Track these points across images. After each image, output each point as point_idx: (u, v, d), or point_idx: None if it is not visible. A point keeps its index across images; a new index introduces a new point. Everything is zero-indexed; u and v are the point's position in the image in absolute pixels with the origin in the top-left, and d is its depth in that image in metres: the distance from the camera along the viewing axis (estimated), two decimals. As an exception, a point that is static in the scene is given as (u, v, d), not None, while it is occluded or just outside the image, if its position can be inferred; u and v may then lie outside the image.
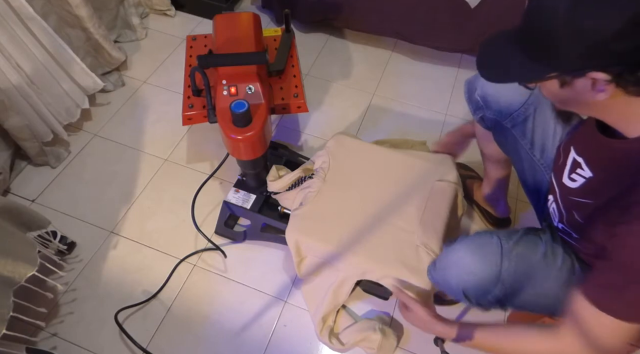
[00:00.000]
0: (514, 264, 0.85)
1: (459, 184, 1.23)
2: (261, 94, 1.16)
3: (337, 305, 1.20)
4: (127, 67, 1.82)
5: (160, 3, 1.97)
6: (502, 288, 0.85)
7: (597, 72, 0.59)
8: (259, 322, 1.24)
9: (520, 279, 0.85)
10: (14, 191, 1.46)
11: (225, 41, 1.24)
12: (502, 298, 0.86)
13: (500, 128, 1.04)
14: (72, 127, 1.61)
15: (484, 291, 0.86)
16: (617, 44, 0.56)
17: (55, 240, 1.25)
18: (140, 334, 1.20)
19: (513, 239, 0.88)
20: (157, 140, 1.61)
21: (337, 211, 1.18)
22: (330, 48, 1.93)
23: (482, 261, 0.85)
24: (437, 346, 1.20)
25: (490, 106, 1.02)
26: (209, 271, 1.32)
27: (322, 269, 1.19)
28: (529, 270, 0.86)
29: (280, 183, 1.26)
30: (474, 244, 0.88)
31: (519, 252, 0.86)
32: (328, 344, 1.18)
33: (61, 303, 1.25)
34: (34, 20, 1.32)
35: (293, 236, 1.16)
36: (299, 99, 1.32)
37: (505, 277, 0.84)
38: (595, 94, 0.62)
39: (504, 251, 0.85)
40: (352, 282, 1.16)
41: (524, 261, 0.86)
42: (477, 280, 0.85)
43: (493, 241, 0.87)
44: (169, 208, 1.45)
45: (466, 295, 0.89)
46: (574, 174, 0.80)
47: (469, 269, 0.86)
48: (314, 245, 1.15)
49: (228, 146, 1.19)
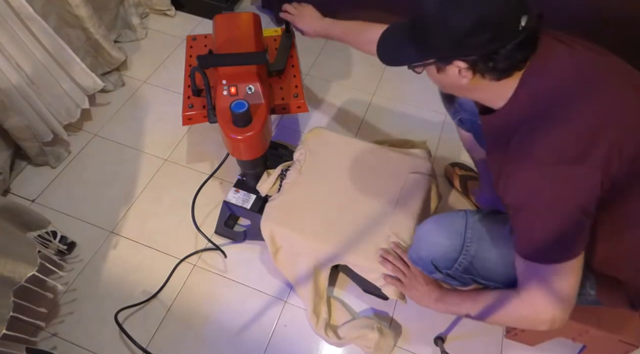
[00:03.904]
0: (478, 233, 0.90)
1: (433, 176, 1.28)
2: (261, 94, 1.16)
3: (321, 295, 1.22)
4: (127, 67, 1.82)
5: (160, 3, 1.97)
6: (467, 255, 0.90)
7: (459, 61, 0.72)
8: (259, 322, 1.24)
9: (484, 247, 0.89)
10: (14, 191, 1.46)
11: (226, 41, 1.24)
12: (469, 267, 0.91)
13: (476, 126, 1.10)
14: (72, 127, 1.61)
15: (450, 260, 0.92)
16: (470, 39, 0.69)
17: (55, 240, 1.25)
18: (141, 334, 1.20)
19: (481, 213, 0.94)
20: (157, 140, 1.61)
21: (312, 201, 1.20)
22: (330, 48, 1.93)
23: (447, 231, 0.93)
24: (437, 346, 1.20)
25: (464, 107, 1.12)
26: (209, 271, 1.32)
27: (298, 258, 1.20)
28: (494, 240, 0.90)
29: (268, 183, 1.27)
30: (441, 217, 0.97)
31: (484, 223, 0.92)
32: (324, 337, 1.19)
33: (61, 303, 1.25)
34: (34, 20, 1.32)
35: (267, 226, 1.18)
36: (299, 99, 1.32)
37: (469, 245, 0.90)
38: (461, 79, 0.75)
39: (468, 223, 0.92)
40: (327, 270, 1.20)
41: (488, 230, 0.91)
42: (443, 249, 0.92)
43: (459, 214, 0.95)
44: (169, 208, 1.45)
45: (435, 266, 0.94)
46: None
47: (436, 239, 0.94)
48: (288, 235, 1.18)
49: (228, 145, 1.19)
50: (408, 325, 1.24)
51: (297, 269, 1.21)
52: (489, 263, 0.90)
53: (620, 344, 0.99)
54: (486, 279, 0.92)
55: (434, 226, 0.96)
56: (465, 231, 0.91)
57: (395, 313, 1.26)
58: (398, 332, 1.23)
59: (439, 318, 1.24)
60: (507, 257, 0.85)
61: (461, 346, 1.21)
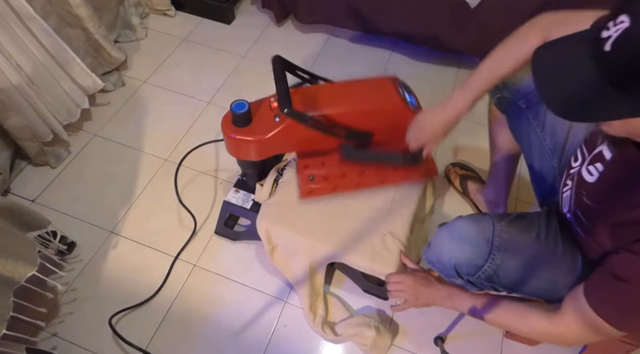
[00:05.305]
0: (505, 241, 0.87)
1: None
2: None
3: (317, 292, 1.22)
4: (127, 67, 1.82)
5: (160, 3, 1.97)
6: (492, 264, 0.87)
7: None
8: (259, 322, 1.24)
9: (510, 257, 0.87)
10: (14, 191, 1.46)
11: (348, 113, 1.09)
12: (492, 275, 0.88)
13: (514, 109, 1.05)
14: (72, 127, 1.61)
15: (475, 267, 0.88)
16: None
17: (55, 240, 1.25)
18: (140, 335, 1.20)
19: (506, 220, 0.90)
20: (157, 140, 1.61)
21: (307, 200, 1.20)
22: (330, 48, 1.93)
23: (474, 237, 0.88)
24: (437, 346, 1.20)
25: (507, 85, 1.04)
26: (209, 271, 1.32)
27: (294, 256, 1.20)
28: (520, 249, 0.88)
29: (264, 192, 1.26)
30: (466, 221, 0.91)
31: (510, 231, 0.88)
32: (321, 334, 1.19)
33: (61, 303, 1.25)
34: (34, 20, 1.32)
35: (263, 224, 1.18)
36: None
37: (495, 254, 0.86)
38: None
39: (495, 229, 0.88)
40: (323, 268, 1.21)
41: (515, 240, 0.88)
42: (469, 256, 0.88)
43: (485, 219, 0.90)
44: (169, 208, 1.45)
45: (458, 271, 0.91)
46: (593, 166, 0.80)
47: (461, 245, 0.89)
48: (283, 233, 1.18)
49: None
50: (408, 325, 1.24)
51: (294, 266, 1.21)
52: (514, 273, 0.88)
53: (620, 344, 0.99)
54: (507, 287, 0.91)
55: (459, 230, 0.91)
56: (493, 239, 0.87)
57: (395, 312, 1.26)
58: (398, 332, 1.23)
59: (439, 317, 1.24)
60: (531, 269, 0.85)
61: (461, 346, 1.21)
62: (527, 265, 0.87)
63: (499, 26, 1.61)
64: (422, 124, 0.98)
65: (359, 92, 1.16)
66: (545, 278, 0.88)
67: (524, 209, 1.47)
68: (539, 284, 0.88)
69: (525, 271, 0.87)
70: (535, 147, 1.03)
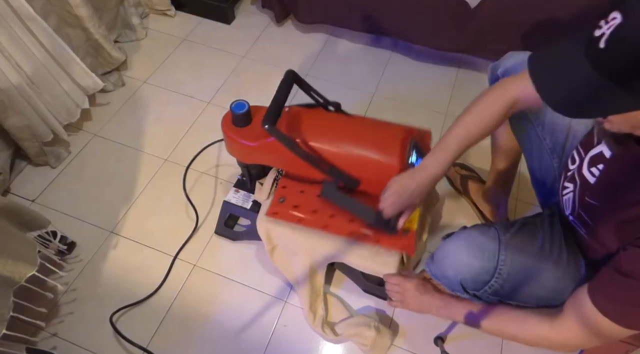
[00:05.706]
0: (511, 255, 0.86)
1: None
2: None
3: (317, 292, 1.22)
4: (127, 67, 1.82)
5: (160, 3, 1.97)
6: (499, 279, 0.86)
7: None
8: (259, 322, 1.24)
9: (517, 270, 0.86)
10: (14, 191, 1.46)
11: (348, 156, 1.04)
12: (499, 290, 0.88)
13: None
14: (72, 127, 1.61)
15: (481, 282, 0.87)
16: None
17: (55, 240, 1.25)
18: (141, 334, 1.20)
19: (510, 231, 0.89)
20: (157, 140, 1.61)
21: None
22: (330, 48, 1.93)
23: (479, 252, 0.87)
24: (437, 346, 1.20)
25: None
26: (209, 271, 1.32)
27: (294, 256, 1.20)
28: (526, 262, 0.87)
29: (264, 192, 1.25)
30: (471, 235, 0.89)
31: (517, 244, 0.87)
32: (321, 334, 1.19)
33: (61, 303, 1.25)
34: (34, 20, 1.32)
35: (263, 223, 1.17)
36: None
37: (502, 268, 0.85)
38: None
39: (501, 243, 0.86)
40: (323, 268, 1.20)
41: (521, 252, 0.87)
42: (475, 271, 0.87)
43: (490, 232, 0.88)
44: (169, 208, 1.45)
45: (464, 286, 0.90)
46: (595, 167, 0.80)
47: (466, 260, 0.87)
48: (283, 232, 1.17)
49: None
50: (408, 325, 1.24)
51: (294, 266, 1.21)
52: (520, 285, 0.87)
53: (620, 344, 0.99)
54: (514, 300, 0.90)
55: (464, 245, 0.89)
56: (499, 253, 0.86)
57: (395, 312, 1.26)
58: (398, 332, 1.23)
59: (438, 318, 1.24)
60: (537, 280, 0.84)
61: (461, 346, 1.21)
62: (533, 277, 0.86)
63: (499, 26, 1.61)
64: (396, 188, 0.92)
65: (362, 135, 1.08)
66: (550, 287, 0.88)
67: (524, 209, 1.47)
68: (543, 293, 0.88)
69: (532, 283, 0.86)
70: (535, 147, 1.03)
